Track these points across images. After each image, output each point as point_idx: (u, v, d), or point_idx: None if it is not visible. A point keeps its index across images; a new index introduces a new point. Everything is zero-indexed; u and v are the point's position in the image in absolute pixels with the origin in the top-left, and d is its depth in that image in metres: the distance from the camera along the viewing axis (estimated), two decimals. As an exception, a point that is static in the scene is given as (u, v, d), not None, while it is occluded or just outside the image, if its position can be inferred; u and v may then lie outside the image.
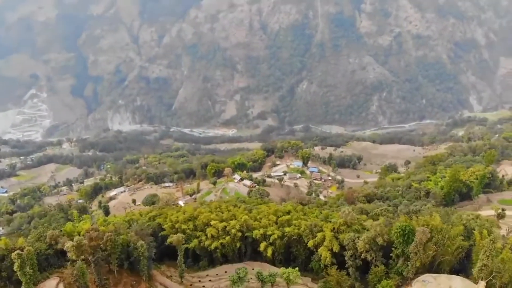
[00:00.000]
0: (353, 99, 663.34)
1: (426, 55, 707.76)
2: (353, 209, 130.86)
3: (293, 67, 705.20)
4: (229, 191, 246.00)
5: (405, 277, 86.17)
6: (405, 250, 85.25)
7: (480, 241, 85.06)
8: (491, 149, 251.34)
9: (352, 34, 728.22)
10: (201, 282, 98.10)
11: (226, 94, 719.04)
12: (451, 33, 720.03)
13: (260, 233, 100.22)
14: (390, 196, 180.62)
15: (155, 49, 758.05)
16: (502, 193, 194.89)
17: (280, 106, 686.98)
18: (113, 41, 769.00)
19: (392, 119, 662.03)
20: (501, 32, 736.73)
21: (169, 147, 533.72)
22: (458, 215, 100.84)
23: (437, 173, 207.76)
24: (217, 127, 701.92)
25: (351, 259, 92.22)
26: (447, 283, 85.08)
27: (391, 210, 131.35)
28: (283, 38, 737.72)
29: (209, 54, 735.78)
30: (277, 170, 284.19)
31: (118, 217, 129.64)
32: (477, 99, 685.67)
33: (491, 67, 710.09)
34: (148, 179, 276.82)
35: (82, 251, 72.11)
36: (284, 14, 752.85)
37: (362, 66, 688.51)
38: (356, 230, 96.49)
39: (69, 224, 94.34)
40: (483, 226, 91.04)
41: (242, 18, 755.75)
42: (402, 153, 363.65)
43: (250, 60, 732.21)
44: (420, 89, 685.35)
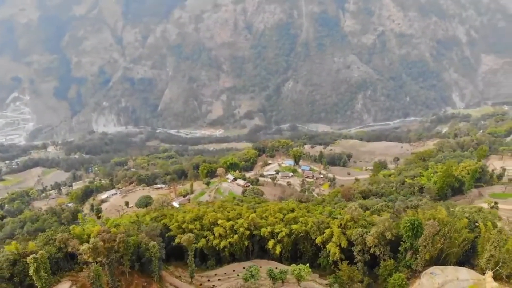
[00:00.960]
0: (338, 97, 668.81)
1: (409, 53, 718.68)
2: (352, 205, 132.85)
3: (279, 66, 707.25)
4: (223, 191, 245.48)
5: (414, 269, 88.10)
6: (414, 244, 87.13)
7: (485, 232, 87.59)
8: (479, 144, 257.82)
9: (336, 33, 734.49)
10: (210, 282, 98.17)
11: (212, 94, 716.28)
12: (433, 31, 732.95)
13: (268, 231, 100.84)
14: (385, 192, 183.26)
15: (139, 49, 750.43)
16: (492, 187, 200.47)
17: (267, 105, 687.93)
18: (97, 42, 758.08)
19: (377, 117, 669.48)
20: (482, 29, 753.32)
21: (157, 149, 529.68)
22: (461, 209, 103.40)
23: (429, 168, 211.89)
24: (204, 127, 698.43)
25: (360, 254, 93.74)
26: (454, 275, 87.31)
27: (391, 206, 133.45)
28: (268, 38, 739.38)
29: (194, 54, 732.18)
30: (269, 169, 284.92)
31: (116, 219, 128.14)
32: (460, 96, 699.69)
33: (473, 64, 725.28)
34: (140, 181, 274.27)
35: (98, 253, 71.42)
36: (268, 14, 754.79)
37: (346, 65, 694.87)
38: (362, 225, 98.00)
39: (77, 227, 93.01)
40: (487, 219, 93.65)
41: (226, 18, 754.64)
42: (390, 150, 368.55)
43: (235, 60, 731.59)
44: (404, 86, 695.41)
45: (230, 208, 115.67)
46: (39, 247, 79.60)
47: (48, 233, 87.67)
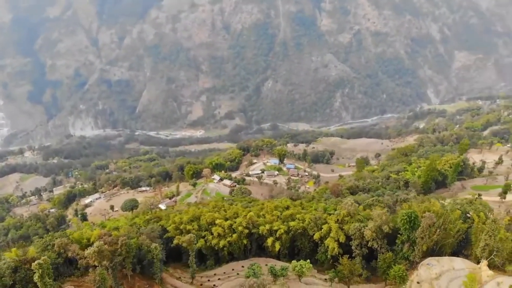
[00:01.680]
0: (317, 96, 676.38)
1: (385, 51, 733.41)
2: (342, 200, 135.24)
3: (258, 66, 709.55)
4: (209, 192, 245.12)
5: (412, 261, 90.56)
6: (411, 236, 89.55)
7: (478, 223, 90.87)
8: (458, 139, 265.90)
9: (313, 33, 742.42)
10: (211, 282, 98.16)
11: (191, 95, 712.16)
12: (407, 29, 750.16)
13: (266, 228, 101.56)
14: (371, 187, 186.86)
15: (115, 51, 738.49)
16: (474, 180, 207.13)
17: (247, 105, 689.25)
18: (71, 44, 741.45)
19: (355, 114, 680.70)
20: (455, 26, 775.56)
21: (137, 151, 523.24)
22: (453, 200, 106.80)
23: (412, 163, 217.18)
24: (184, 128, 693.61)
25: (358, 248, 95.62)
26: (450, 265, 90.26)
27: (381, 200, 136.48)
28: (246, 38, 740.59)
29: (172, 55, 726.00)
30: (254, 169, 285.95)
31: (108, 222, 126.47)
32: (435, 92, 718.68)
33: (447, 61, 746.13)
34: (124, 184, 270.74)
35: (103, 256, 70.63)
36: (246, 14, 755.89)
37: (324, 63, 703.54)
38: (359, 220, 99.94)
39: (75, 231, 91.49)
40: (478, 210, 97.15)
41: (204, 18, 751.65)
42: (370, 147, 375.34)
43: (214, 60, 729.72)
44: (381, 84, 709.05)
45: (226, 208, 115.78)
46: (38, 253, 77.99)
47: (46, 238, 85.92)
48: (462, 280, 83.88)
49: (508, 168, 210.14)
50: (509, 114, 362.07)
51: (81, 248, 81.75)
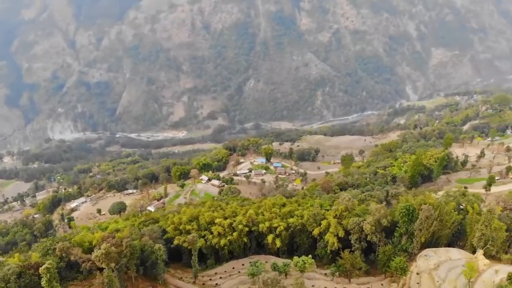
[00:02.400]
0: (298, 95, 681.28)
1: (364, 49, 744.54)
2: (334, 196, 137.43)
3: (239, 65, 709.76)
4: (198, 192, 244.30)
5: (410, 253, 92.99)
6: (409, 228, 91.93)
7: (472, 214, 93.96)
8: (440, 134, 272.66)
9: (293, 32, 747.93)
10: (212, 281, 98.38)
11: (172, 95, 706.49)
12: (385, 27, 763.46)
13: (266, 226, 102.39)
14: (360, 183, 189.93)
15: (93, 52, 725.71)
16: (458, 173, 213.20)
17: (229, 105, 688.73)
18: (48, 46, 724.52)
19: (336, 112, 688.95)
20: (431, 24, 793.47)
21: (119, 154, 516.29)
22: (446, 193, 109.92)
23: (398, 159, 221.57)
24: (166, 130, 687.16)
25: (357, 242, 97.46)
26: (447, 255, 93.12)
27: (374, 195, 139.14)
28: (227, 38, 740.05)
29: (152, 56, 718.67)
30: (242, 168, 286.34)
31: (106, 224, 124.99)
32: (413, 88, 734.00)
33: (424, 58, 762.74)
34: (110, 187, 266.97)
35: (111, 258, 70.09)
36: (226, 14, 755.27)
37: (305, 62, 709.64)
38: (357, 214, 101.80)
39: (77, 235, 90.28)
40: (471, 201, 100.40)
41: (183, 18, 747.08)
42: (354, 143, 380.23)
43: (195, 60, 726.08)
44: (360, 82, 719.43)
45: (224, 207, 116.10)
46: (40, 258, 76.77)
47: (46, 243, 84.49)
48: (459, 269, 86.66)
49: (491, 161, 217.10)
50: (487, 109, 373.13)
51: (83, 251, 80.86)
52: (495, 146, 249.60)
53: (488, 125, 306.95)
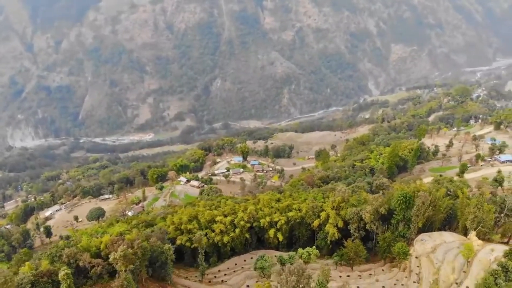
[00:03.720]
0: (266, 93, 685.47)
1: (327, 47, 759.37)
2: (322, 189, 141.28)
3: (205, 65, 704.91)
4: (178, 194, 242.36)
5: (408, 238, 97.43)
6: (406, 215, 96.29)
7: (463, 198, 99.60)
8: (409, 126, 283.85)
9: (257, 31, 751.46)
10: (217, 278, 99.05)
11: (137, 97, 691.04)
12: (346, 25, 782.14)
13: (267, 221, 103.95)
14: (340, 176, 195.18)
15: (52, 56, 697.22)
16: (430, 163, 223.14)
17: (197, 105, 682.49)
18: (5, 50, 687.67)
19: (302, 109, 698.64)
20: (390, 20, 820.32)
21: (85, 159, 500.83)
22: (434, 180, 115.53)
23: (374, 151, 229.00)
24: (132, 133, 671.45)
25: (356, 231, 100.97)
26: (441, 239, 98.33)
27: (361, 186, 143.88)
28: (191, 37, 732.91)
29: (114, 57, 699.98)
30: (219, 168, 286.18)
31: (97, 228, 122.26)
32: (375, 84, 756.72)
33: (384, 54, 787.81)
34: (84, 193, 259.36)
35: (129, 260, 69.35)
36: (189, 13, 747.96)
37: (270, 61, 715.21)
38: (353, 205, 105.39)
39: (84, 240, 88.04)
40: (459, 186, 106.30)
41: (145, 19, 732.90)
42: (325, 139, 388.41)
43: (159, 60, 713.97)
44: (324, 79, 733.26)
45: (222, 205, 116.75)
46: (49, 265, 74.65)
47: (52, 250, 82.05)
48: (455, 251, 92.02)
49: (459, 150, 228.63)
50: (449, 100, 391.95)
51: (91, 256, 79.34)
52: (462, 135, 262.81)
53: (453, 116, 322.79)
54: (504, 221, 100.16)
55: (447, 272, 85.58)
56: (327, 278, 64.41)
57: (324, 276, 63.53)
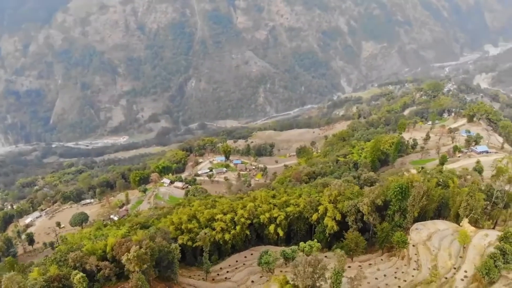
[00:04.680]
0: (241, 92, 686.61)
1: (300, 46, 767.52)
2: (313, 184, 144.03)
3: (179, 65, 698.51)
4: (162, 196, 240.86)
5: (404, 228, 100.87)
6: (402, 205, 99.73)
7: (454, 187, 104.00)
8: (386, 121, 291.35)
9: (230, 30, 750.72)
10: (220, 275, 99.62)
11: (110, 100, 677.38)
12: (318, 24, 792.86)
13: (267, 217, 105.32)
14: (326, 171, 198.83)
15: (21, 59, 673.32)
16: (410, 156, 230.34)
17: (172, 106, 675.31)
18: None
19: (278, 108, 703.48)
20: (360, 18, 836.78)
21: (60, 165, 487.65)
22: (423, 171, 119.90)
23: (355, 146, 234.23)
24: (106, 136, 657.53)
25: (354, 223, 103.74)
26: (435, 227, 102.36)
27: (350, 180, 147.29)
28: (163, 38, 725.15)
29: (85, 59, 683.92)
30: (202, 168, 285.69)
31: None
32: (347, 81, 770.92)
33: (355, 51, 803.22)
34: (65, 199, 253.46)
35: (143, 260, 69.21)
36: (160, 13, 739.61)
37: (244, 60, 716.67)
38: (349, 198, 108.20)
39: (87, 243, 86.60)
40: (448, 177, 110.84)
41: (116, 19, 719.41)
42: (303, 136, 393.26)
43: (131, 62, 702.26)
44: (298, 77, 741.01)
45: (219, 204, 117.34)
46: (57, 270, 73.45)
47: (56, 255, 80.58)
48: (450, 238, 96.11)
49: (437, 142, 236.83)
50: (421, 95, 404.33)
51: (98, 259, 78.55)
52: (437, 129, 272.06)
53: (427, 110, 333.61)
54: (491, 208, 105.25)
55: (445, 258, 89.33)
56: (343, 267, 66.31)
57: (340, 265, 65.40)
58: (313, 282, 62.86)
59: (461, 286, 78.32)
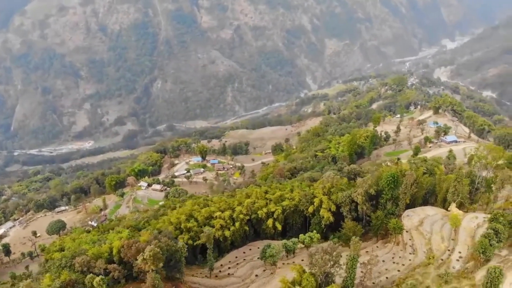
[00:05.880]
0: (209, 92, 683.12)
1: (265, 45, 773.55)
2: (304, 178, 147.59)
3: (143, 66, 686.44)
4: (141, 199, 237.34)
5: (396, 215, 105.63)
6: (394, 194, 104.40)
7: (440, 174, 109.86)
8: (357, 116, 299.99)
9: (195, 30, 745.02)
10: (222, 272, 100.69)
11: (73, 104, 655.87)
12: (282, 22, 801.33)
13: (265, 212, 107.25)
14: (307, 166, 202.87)
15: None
16: (383, 148, 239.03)
17: (138, 108, 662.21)
18: None
19: (247, 106, 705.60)
20: (322, 16, 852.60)
21: (25, 173, 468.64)
22: (408, 161, 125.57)
23: (332, 141, 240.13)
24: (70, 141, 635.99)
25: (349, 212, 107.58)
26: (424, 213, 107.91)
27: (335, 173, 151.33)
28: (126, 39, 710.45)
29: (45, 63, 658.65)
30: (178, 169, 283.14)
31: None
32: (312, 78, 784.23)
33: (319, 49, 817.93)
34: (38, 207, 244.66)
35: (158, 259, 69.37)
36: (122, 14, 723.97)
37: (211, 60, 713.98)
38: (342, 189, 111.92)
39: (92, 247, 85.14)
40: (433, 165, 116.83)
41: (76, 21, 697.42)
42: (276, 133, 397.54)
43: (93, 64, 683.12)
44: (265, 76, 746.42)
45: (209, 203, 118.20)
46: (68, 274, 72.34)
47: (62, 260, 78.79)
48: (440, 222, 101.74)
49: (408, 134, 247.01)
50: (386, 90, 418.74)
51: (107, 262, 77.86)
52: (406, 121, 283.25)
53: (394, 104, 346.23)
54: (474, 192, 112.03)
55: (438, 241, 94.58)
56: (357, 252, 69.24)
57: (355, 250, 68.30)
58: (329, 269, 65.47)
59: (457, 266, 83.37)
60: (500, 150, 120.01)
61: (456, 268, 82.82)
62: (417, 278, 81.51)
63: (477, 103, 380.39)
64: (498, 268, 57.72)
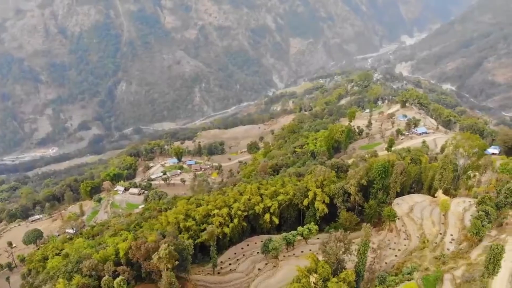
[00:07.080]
0: (176, 93, 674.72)
1: (231, 44, 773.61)
2: (290, 174, 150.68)
3: (107, 69, 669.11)
4: (119, 204, 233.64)
5: (387, 203, 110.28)
6: (384, 183, 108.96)
7: (426, 163, 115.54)
8: (330, 112, 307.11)
9: (159, 30, 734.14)
10: (224, 268, 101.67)
11: (34, 110, 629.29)
12: (247, 22, 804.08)
13: (261, 207, 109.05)
14: (288, 162, 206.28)
15: None
16: (358, 142, 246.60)
17: (102, 112, 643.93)
18: None
19: (215, 106, 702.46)
20: (286, 16, 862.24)
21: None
22: (394, 151, 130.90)
23: (309, 137, 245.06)
24: (33, 149, 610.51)
25: (342, 203, 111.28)
26: (412, 200, 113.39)
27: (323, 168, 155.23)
28: (87, 41, 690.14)
29: (3, 68, 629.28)
30: (154, 172, 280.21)
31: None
32: (279, 77, 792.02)
33: (284, 48, 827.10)
34: (11, 217, 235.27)
35: (173, 257, 69.62)
36: (82, 16, 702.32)
37: (176, 60, 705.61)
38: (333, 181, 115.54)
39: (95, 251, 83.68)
40: (418, 154, 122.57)
41: (34, 24, 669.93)
42: (250, 132, 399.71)
43: (54, 68, 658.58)
44: (233, 76, 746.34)
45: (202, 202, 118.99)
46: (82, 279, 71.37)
47: (66, 267, 77.18)
48: (428, 208, 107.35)
49: (379, 128, 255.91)
50: (353, 86, 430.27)
51: (115, 265, 77.34)
52: (376, 116, 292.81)
53: (362, 99, 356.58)
54: (456, 179, 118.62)
55: (429, 226, 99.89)
56: (368, 238, 72.32)
57: (366, 236, 71.32)
58: (341, 255, 68.28)
59: (452, 248, 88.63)
60: (477, 138, 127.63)
61: (450, 249, 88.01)
62: (415, 262, 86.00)
63: (439, 96, 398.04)
64: (500, 245, 62.25)
